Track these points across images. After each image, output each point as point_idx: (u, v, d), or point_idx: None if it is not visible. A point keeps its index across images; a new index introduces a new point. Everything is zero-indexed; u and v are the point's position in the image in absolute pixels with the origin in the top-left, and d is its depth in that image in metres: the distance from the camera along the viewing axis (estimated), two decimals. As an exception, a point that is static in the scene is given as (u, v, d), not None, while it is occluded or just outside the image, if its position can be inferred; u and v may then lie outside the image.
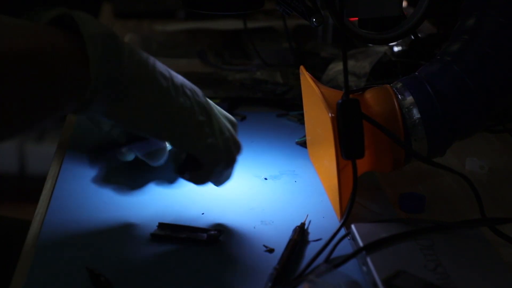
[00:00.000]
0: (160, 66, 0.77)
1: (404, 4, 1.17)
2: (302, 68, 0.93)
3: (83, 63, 0.70)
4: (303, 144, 1.04)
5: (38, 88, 0.68)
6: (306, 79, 0.91)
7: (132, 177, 0.92)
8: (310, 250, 0.79)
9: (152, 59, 0.76)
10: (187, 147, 0.79)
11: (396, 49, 1.23)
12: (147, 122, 0.76)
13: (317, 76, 1.20)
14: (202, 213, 0.86)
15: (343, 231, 0.81)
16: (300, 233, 0.80)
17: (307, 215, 0.84)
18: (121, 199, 0.88)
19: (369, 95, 0.88)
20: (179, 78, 0.79)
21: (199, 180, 0.83)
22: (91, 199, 0.88)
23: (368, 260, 0.74)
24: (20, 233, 0.89)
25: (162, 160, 0.89)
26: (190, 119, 0.78)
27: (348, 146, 0.79)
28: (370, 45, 1.24)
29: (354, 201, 0.81)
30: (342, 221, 0.81)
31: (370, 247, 0.75)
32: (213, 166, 0.81)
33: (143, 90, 0.74)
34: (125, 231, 0.82)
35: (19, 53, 0.67)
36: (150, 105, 0.75)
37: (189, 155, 0.82)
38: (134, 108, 0.75)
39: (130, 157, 0.88)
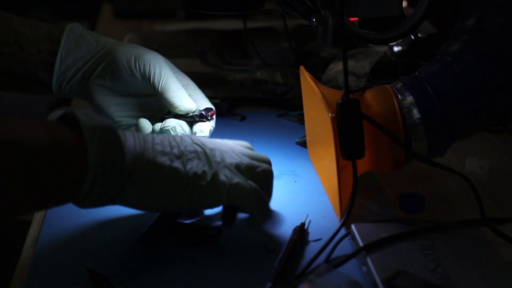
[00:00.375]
0: (159, 143, 0.76)
1: (404, 4, 1.17)
2: (302, 68, 0.93)
3: (84, 154, 0.71)
4: (303, 144, 1.04)
5: (39, 179, 0.70)
6: (306, 79, 0.91)
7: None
8: (310, 250, 0.79)
9: (150, 142, 0.76)
10: (213, 206, 0.78)
11: (396, 49, 1.23)
12: (156, 204, 0.76)
13: (317, 76, 1.20)
14: (202, 213, 0.86)
15: (343, 231, 0.81)
16: (300, 233, 0.80)
17: (307, 215, 0.84)
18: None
19: (369, 95, 0.88)
20: (179, 147, 0.77)
21: (256, 222, 0.82)
22: (91, 199, 0.88)
23: (368, 260, 0.74)
24: (20, 233, 0.89)
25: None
26: (200, 182, 0.76)
27: (348, 146, 0.79)
28: (370, 45, 1.24)
29: (354, 201, 0.81)
30: (342, 221, 0.81)
31: (370, 247, 0.75)
32: (251, 205, 0.78)
33: (145, 177, 0.74)
34: (125, 231, 0.82)
35: (30, 144, 0.69)
36: (154, 189, 0.75)
37: (225, 206, 0.80)
38: (139, 196, 0.74)
39: None
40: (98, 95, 0.93)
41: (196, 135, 0.91)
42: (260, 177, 0.80)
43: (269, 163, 0.82)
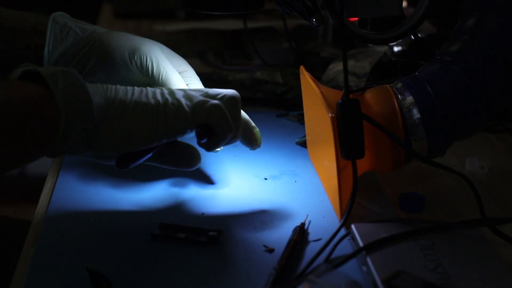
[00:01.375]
0: (120, 86, 0.79)
1: (404, 4, 1.17)
2: (302, 68, 0.93)
3: (53, 104, 0.73)
4: (303, 144, 1.04)
5: (14, 133, 0.72)
6: (306, 79, 0.91)
7: (138, 173, 0.92)
8: (310, 250, 0.79)
9: (112, 85, 0.78)
10: (182, 125, 0.80)
11: (396, 49, 1.23)
12: (129, 142, 0.78)
13: (317, 76, 1.20)
14: (202, 213, 0.86)
15: (343, 231, 0.81)
16: (300, 233, 0.80)
17: (307, 215, 0.84)
18: (121, 199, 0.88)
19: (369, 95, 0.88)
20: (140, 87, 0.80)
21: (215, 144, 0.83)
22: (91, 199, 0.88)
23: (368, 260, 0.74)
24: (20, 233, 0.89)
25: (194, 163, 0.89)
26: (166, 107, 0.79)
27: (348, 146, 0.79)
28: (370, 45, 1.24)
29: (354, 201, 0.81)
30: (342, 221, 0.81)
31: (370, 247, 0.75)
32: (218, 115, 0.81)
33: (113, 115, 0.76)
34: (125, 231, 0.82)
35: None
36: (124, 125, 0.77)
37: (201, 124, 0.81)
38: (112, 135, 0.77)
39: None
40: None
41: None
42: (226, 104, 0.82)
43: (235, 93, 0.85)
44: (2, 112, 0.71)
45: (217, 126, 0.81)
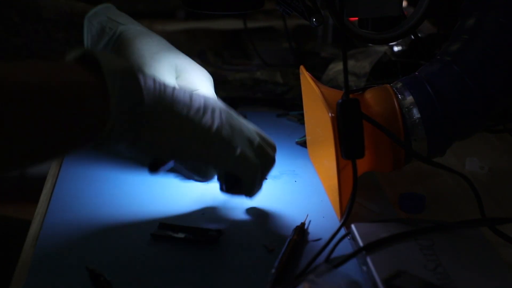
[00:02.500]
0: (179, 93, 0.78)
1: (404, 4, 1.17)
2: (302, 68, 0.93)
3: (104, 98, 0.71)
4: (303, 144, 1.04)
5: (60, 121, 0.69)
6: (306, 79, 0.91)
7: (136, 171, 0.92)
8: (310, 250, 0.79)
9: (170, 89, 0.77)
10: (220, 164, 0.81)
11: (396, 49, 1.23)
12: (170, 151, 0.78)
13: (317, 76, 1.20)
14: (202, 213, 0.86)
15: (343, 231, 0.81)
16: (300, 233, 0.80)
17: (307, 215, 0.84)
18: (121, 199, 0.88)
19: (369, 95, 0.88)
20: (200, 101, 0.79)
21: (243, 193, 0.84)
22: (91, 199, 0.88)
23: (368, 260, 0.73)
24: (20, 233, 0.89)
25: (210, 176, 0.90)
26: (214, 137, 0.79)
27: (348, 146, 0.79)
28: (370, 45, 1.24)
29: (354, 201, 0.81)
30: (342, 221, 0.81)
31: (370, 247, 0.75)
32: (250, 177, 0.82)
33: (163, 121, 0.76)
34: (125, 231, 0.82)
35: (45, 87, 0.68)
36: (170, 135, 0.76)
37: (229, 173, 0.83)
38: (156, 140, 0.76)
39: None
40: None
41: None
42: (264, 161, 0.83)
43: (274, 149, 0.86)
44: (48, 96, 0.68)
45: (246, 185, 0.83)
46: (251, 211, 0.87)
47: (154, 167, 0.81)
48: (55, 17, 0.93)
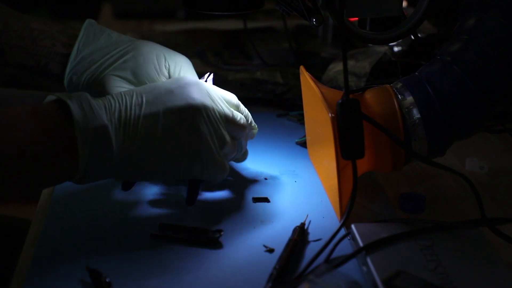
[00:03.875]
0: (144, 123, 0.81)
1: (404, 4, 1.17)
2: (302, 68, 0.93)
3: (73, 156, 0.77)
4: (303, 144, 1.04)
5: (31, 174, 0.76)
6: (306, 79, 0.91)
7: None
8: (310, 250, 0.79)
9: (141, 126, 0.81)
10: (189, 177, 0.85)
11: (396, 49, 1.23)
12: (141, 178, 0.85)
13: (317, 76, 1.20)
14: (203, 213, 0.86)
15: (343, 231, 0.81)
16: (300, 233, 0.80)
17: (307, 215, 0.84)
18: (121, 199, 0.88)
19: (369, 95, 0.88)
20: (165, 123, 0.82)
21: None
22: (91, 200, 0.88)
23: (368, 260, 0.74)
24: (20, 233, 0.89)
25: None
26: (181, 157, 0.82)
27: (348, 146, 0.79)
28: (370, 45, 1.24)
29: (354, 201, 0.81)
30: (342, 221, 0.81)
31: (370, 247, 0.75)
32: (218, 179, 0.86)
33: (132, 165, 0.80)
34: (125, 231, 0.82)
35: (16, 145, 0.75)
36: (140, 170, 0.81)
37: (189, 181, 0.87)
38: (125, 176, 0.83)
39: None
40: (112, 87, 0.91)
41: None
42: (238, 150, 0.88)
43: (248, 118, 0.90)
44: (19, 145, 0.74)
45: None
46: (251, 211, 0.87)
47: (126, 187, 0.87)
48: (44, 27, 0.94)
